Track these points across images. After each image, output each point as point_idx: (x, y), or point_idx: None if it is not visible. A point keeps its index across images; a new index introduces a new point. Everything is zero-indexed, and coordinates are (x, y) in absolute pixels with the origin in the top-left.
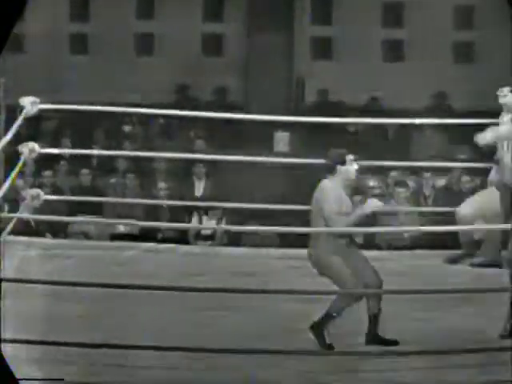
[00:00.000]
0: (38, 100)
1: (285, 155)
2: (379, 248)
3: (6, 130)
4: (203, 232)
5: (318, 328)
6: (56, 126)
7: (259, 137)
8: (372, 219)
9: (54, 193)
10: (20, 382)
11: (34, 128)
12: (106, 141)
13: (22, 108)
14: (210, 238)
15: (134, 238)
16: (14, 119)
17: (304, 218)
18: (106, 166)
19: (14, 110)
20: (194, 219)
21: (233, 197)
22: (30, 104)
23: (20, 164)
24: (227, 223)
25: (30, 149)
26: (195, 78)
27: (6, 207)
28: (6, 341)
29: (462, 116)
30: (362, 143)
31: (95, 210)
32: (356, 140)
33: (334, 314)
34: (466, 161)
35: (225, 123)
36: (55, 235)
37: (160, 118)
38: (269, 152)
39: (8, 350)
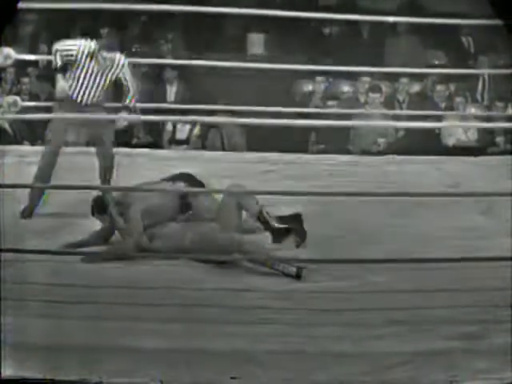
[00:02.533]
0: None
1: (259, 58)
2: (350, 153)
3: None
4: (178, 137)
5: None
6: (33, 30)
7: (233, 39)
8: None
9: (31, 100)
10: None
11: (10, 33)
12: None
13: None
14: (185, 142)
15: None
16: None
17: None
18: None
19: None
20: (168, 125)
21: (206, 101)
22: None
23: None
24: (201, 128)
25: (6, 55)
26: None
27: None
28: None
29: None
30: (336, 46)
31: None
32: (330, 43)
33: None
34: (441, 67)
35: (198, 24)
36: (33, 142)
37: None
38: (243, 54)
39: None
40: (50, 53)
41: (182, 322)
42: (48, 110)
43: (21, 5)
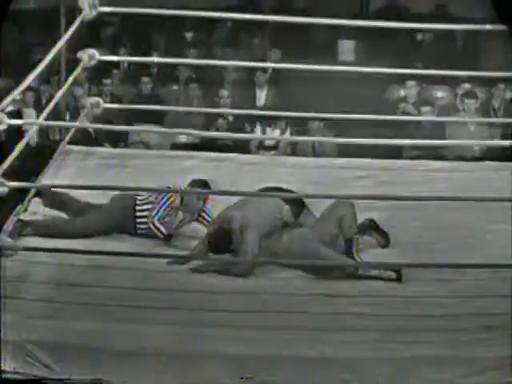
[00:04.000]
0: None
1: (350, 64)
2: (445, 159)
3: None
4: (266, 142)
5: None
6: (115, 32)
7: (323, 45)
8: (440, 129)
9: (113, 101)
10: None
11: (93, 34)
12: (166, 48)
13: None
14: (273, 148)
15: (194, 148)
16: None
17: (369, 129)
18: (167, 75)
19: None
20: (257, 130)
21: (297, 107)
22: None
23: (78, 71)
24: (291, 134)
25: (90, 55)
26: None
27: (67, 116)
28: None
29: None
30: (429, 52)
31: (155, 119)
32: (423, 49)
33: None
34: None
35: (289, 30)
36: (115, 145)
37: (226, 22)
38: (333, 61)
39: None
40: (131, 55)
41: (274, 328)
42: (129, 112)
43: (103, 8)
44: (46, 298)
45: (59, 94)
